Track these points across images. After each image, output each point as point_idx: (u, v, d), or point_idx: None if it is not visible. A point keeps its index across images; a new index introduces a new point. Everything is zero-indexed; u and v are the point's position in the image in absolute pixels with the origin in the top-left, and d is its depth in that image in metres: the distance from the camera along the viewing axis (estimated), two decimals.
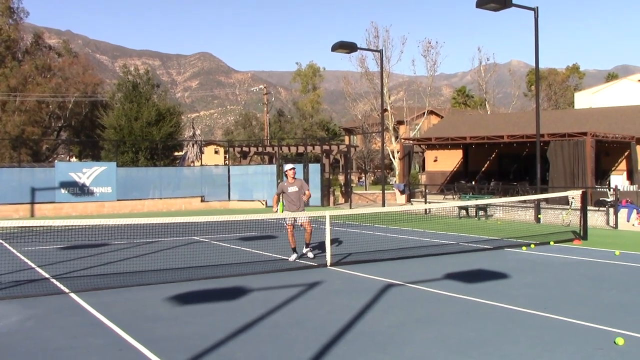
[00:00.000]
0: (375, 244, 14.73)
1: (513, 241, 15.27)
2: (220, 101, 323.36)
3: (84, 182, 27.85)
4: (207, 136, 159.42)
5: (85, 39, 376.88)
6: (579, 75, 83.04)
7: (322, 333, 6.78)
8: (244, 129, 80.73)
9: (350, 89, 51.24)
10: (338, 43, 24.88)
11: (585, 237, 15.47)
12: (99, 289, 9.47)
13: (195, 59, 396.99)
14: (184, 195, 30.55)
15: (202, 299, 8.76)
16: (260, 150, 39.67)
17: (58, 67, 68.03)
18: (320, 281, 9.98)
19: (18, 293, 9.13)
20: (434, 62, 45.48)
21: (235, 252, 13.76)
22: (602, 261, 12.10)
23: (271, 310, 7.90)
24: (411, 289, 9.38)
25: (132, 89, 43.57)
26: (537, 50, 20.83)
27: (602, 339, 6.50)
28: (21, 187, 26.42)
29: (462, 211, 23.89)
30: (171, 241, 15.94)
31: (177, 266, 11.52)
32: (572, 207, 19.81)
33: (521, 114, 44.42)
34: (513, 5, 19.61)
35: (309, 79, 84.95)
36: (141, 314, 7.84)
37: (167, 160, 40.87)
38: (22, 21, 66.58)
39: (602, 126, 28.83)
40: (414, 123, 49.16)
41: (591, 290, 9.23)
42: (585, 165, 23.98)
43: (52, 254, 13.61)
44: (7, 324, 7.34)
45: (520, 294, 8.87)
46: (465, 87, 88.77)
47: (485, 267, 11.31)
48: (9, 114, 58.98)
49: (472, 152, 36.08)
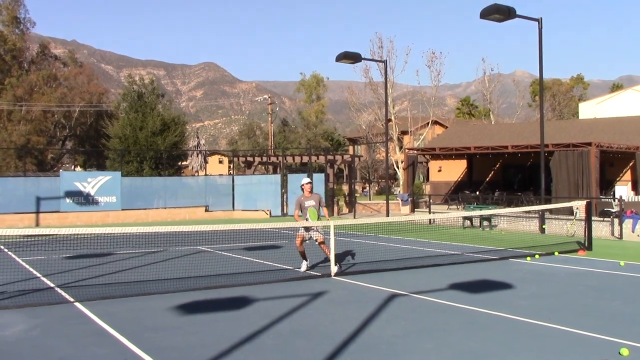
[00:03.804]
0: (379, 254, 14.72)
1: (517, 251, 15.26)
2: (225, 111, 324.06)
3: (89, 191, 27.93)
4: (212, 146, 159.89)
5: (91, 49, 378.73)
6: (583, 85, 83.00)
7: (326, 343, 6.79)
8: (248, 139, 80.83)
9: (355, 99, 51.39)
10: (342, 53, 24.98)
11: (589, 248, 15.44)
12: (103, 298, 9.50)
13: (200, 69, 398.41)
14: (188, 205, 30.60)
15: (206, 309, 8.78)
16: (264, 160, 39.72)
17: (64, 76, 68.45)
18: (324, 291, 9.99)
19: (24, 302, 9.17)
20: (438, 73, 45.71)
21: (239, 262, 13.78)
22: (606, 272, 12.08)
23: (275, 320, 7.91)
24: (415, 299, 9.39)
25: (137, 98, 43.78)
26: (541, 61, 20.88)
27: (606, 349, 6.49)
28: (26, 197, 26.48)
29: (466, 221, 23.88)
30: (176, 251, 15.98)
31: (182, 276, 11.54)
32: (576, 218, 19.78)
33: (525, 124, 44.45)
34: (517, 16, 19.67)
35: (313, 89, 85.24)
36: (146, 324, 7.86)
37: (171, 170, 40.93)
38: (29, 31, 67.11)
39: (606, 136, 28.84)
40: (418, 133, 49.24)
41: (596, 301, 9.22)
42: (589, 175, 23.97)
43: (57, 264, 13.65)
44: (13, 333, 7.38)
45: (524, 305, 8.86)
46: (469, 97, 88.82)
47: (490, 278, 11.30)
48: (15, 123, 59.31)
49: (477, 162, 36.10)
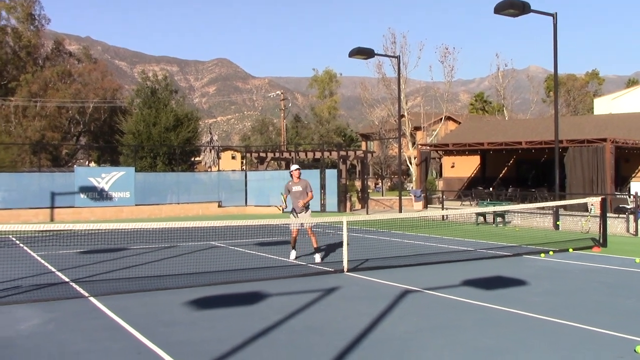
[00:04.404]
0: (392, 250, 14.69)
1: (531, 248, 15.16)
2: (238, 107, 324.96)
3: (103, 187, 28.09)
4: (225, 142, 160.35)
5: (105, 46, 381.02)
6: (598, 80, 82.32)
7: (338, 339, 6.79)
8: (261, 135, 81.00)
9: (367, 94, 51.23)
10: (355, 49, 24.92)
11: (604, 245, 15.31)
12: (117, 293, 9.56)
13: (213, 65, 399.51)
14: (201, 201, 30.70)
15: (219, 304, 8.82)
16: (277, 155, 39.77)
17: (78, 73, 68.96)
18: (337, 287, 9.99)
19: (39, 297, 9.25)
20: (451, 68, 45.46)
21: (252, 257, 13.81)
22: (621, 269, 11.98)
23: (288, 316, 7.92)
24: (428, 295, 9.36)
25: (150, 94, 43.88)
26: (555, 56, 20.71)
27: (621, 347, 6.43)
28: (41, 192, 26.67)
29: (479, 217, 23.77)
30: (189, 246, 16.04)
31: (195, 271, 11.59)
32: (591, 214, 19.63)
33: (539, 120, 44.14)
34: (532, 11, 19.51)
35: (325, 84, 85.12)
36: (159, 318, 7.90)
37: (184, 166, 41.03)
38: (44, 28, 67.69)
39: (622, 132, 28.57)
40: (431, 129, 49.03)
41: (610, 298, 9.15)
42: (604, 171, 23.78)
43: (71, 258, 13.76)
44: (28, 327, 7.45)
45: (538, 301, 8.81)
46: (483, 92, 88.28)
47: (503, 274, 11.24)
48: (30, 119, 59.86)
49: (490, 158, 35.93)
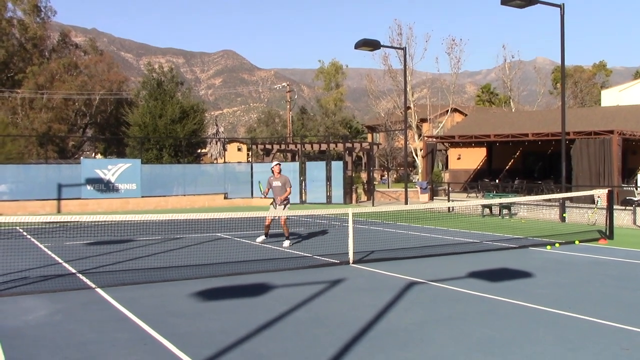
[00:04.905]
0: (398, 242, 14.70)
1: (537, 240, 15.15)
2: (244, 99, 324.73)
3: (109, 178, 28.16)
4: (230, 133, 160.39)
5: (111, 37, 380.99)
6: (605, 72, 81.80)
7: (344, 330, 6.80)
8: (267, 127, 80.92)
9: (374, 86, 51.09)
10: (361, 41, 24.84)
11: (611, 237, 15.28)
12: (124, 284, 9.60)
13: (219, 57, 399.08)
14: (207, 192, 30.74)
15: (225, 295, 8.85)
16: (283, 147, 39.74)
17: (84, 64, 68.98)
18: (342, 279, 10.01)
19: (46, 287, 9.30)
20: (457, 60, 45.22)
21: (257, 249, 13.85)
22: (628, 261, 11.96)
23: (294, 307, 7.94)
24: (434, 287, 9.37)
25: (156, 86, 43.86)
26: (563, 47, 20.60)
27: (627, 339, 6.43)
28: (48, 184, 26.76)
29: (485, 209, 23.74)
30: (195, 238, 16.09)
31: (201, 262, 11.63)
32: (597, 206, 19.57)
33: (546, 111, 43.95)
34: (539, 2, 19.40)
35: (331, 76, 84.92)
36: (166, 309, 7.94)
37: (190, 158, 41.07)
38: (50, 20, 67.66)
39: (629, 124, 28.40)
40: (437, 121, 48.87)
41: (617, 290, 9.13)
42: (611, 163, 23.67)
43: (78, 250, 13.83)
44: (35, 317, 7.50)
45: (544, 293, 8.81)
46: (489, 84, 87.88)
47: (509, 266, 11.24)
48: (37, 111, 60.00)
49: (496, 150, 35.81)
